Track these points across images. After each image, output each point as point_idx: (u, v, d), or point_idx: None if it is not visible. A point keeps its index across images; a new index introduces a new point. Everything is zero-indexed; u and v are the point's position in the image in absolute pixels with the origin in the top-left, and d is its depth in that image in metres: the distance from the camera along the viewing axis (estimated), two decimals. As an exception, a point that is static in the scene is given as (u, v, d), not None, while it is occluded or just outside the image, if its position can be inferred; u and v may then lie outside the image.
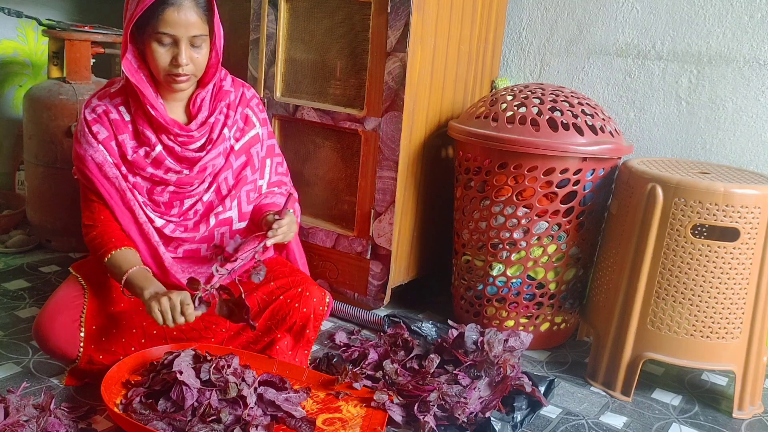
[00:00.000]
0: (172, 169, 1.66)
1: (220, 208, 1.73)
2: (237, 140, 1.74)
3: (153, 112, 1.61)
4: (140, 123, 1.64)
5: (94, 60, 2.47)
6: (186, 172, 1.67)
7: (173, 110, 1.67)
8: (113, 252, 1.58)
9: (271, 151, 1.85)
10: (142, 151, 1.64)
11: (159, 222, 1.67)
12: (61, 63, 2.48)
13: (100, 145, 1.62)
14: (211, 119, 1.69)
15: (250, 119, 1.77)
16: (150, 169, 1.64)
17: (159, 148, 1.64)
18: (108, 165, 1.62)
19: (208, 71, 1.65)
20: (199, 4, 1.56)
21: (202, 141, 1.69)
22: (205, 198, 1.71)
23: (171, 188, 1.68)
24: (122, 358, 1.59)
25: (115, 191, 1.63)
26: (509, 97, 1.99)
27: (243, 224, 1.77)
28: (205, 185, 1.71)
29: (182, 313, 1.48)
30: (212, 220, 1.72)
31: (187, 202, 1.71)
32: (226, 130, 1.71)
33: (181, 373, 1.44)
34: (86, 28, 2.44)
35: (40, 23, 2.47)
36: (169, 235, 1.68)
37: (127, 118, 1.65)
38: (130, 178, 1.65)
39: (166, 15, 1.52)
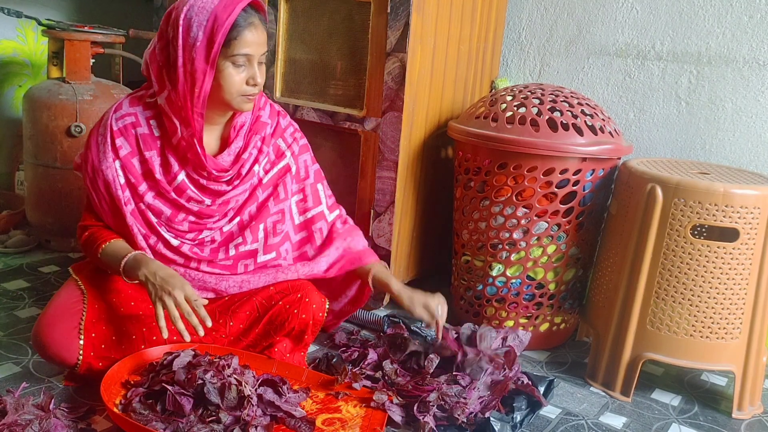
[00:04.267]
0: (194, 198, 1.62)
1: (239, 239, 1.70)
2: (266, 172, 1.70)
3: (199, 150, 1.55)
4: (167, 148, 1.59)
5: (93, 60, 2.47)
6: (208, 202, 1.64)
7: (209, 134, 1.63)
8: (105, 244, 1.57)
9: (319, 176, 1.81)
10: (169, 175, 1.61)
11: (174, 242, 1.64)
12: (61, 63, 2.48)
13: (116, 162, 1.57)
14: (245, 155, 1.65)
15: (282, 151, 1.73)
16: (173, 194, 1.61)
17: (181, 177, 1.60)
18: (116, 185, 1.57)
19: None
20: (263, 21, 1.54)
21: (231, 176, 1.65)
22: (225, 229, 1.69)
23: (191, 218, 1.65)
24: (122, 359, 1.59)
25: (118, 211, 1.59)
26: (509, 98, 1.99)
27: (269, 257, 1.73)
28: (227, 219, 1.68)
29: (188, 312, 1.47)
30: (231, 251, 1.70)
31: (206, 232, 1.68)
32: (256, 167, 1.68)
33: (172, 385, 1.44)
34: (86, 28, 2.44)
35: (40, 23, 2.46)
36: (186, 253, 1.66)
37: (157, 134, 1.60)
38: (148, 198, 1.60)
39: (245, 36, 1.49)
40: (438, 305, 1.70)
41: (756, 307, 1.72)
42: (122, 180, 1.58)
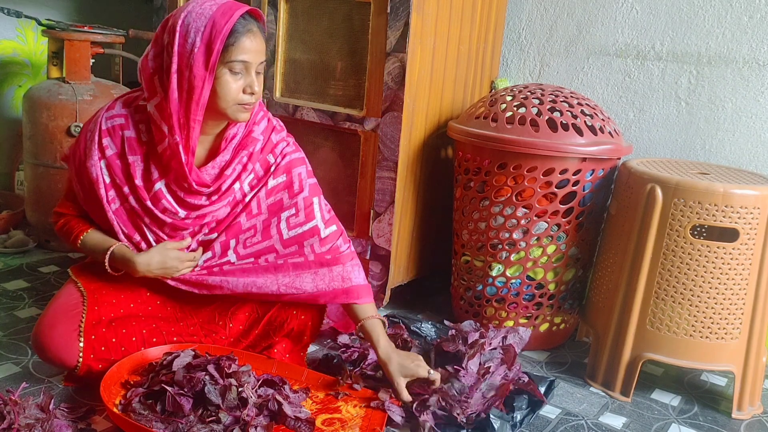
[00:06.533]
0: (168, 210, 1.58)
1: (209, 254, 1.65)
2: (252, 188, 1.65)
3: (184, 159, 1.51)
4: (151, 155, 1.57)
5: (93, 60, 2.47)
6: (182, 214, 1.59)
7: (198, 144, 1.58)
8: (83, 236, 1.61)
9: (315, 190, 1.72)
10: (148, 182, 1.58)
11: (151, 237, 1.61)
12: (61, 63, 2.48)
13: (101, 161, 1.56)
14: (228, 170, 1.59)
15: (270, 165, 1.66)
16: (149, 203, 1.58)
17: (159, 185, 1.57)
18: (99, 184, 1.56)
19: None
20: (262, 30, 1.53)
21: (211, 191, 1.61)
22: (200, 238, 1.65)
23: (166, 229, 1.61)
24: (122, 359, 1.59)
25: (100, 208, 1.58)
26: (509, 98, 1.99)
27: (245, 262, 1.66)
28: (203, 232, 1.64)
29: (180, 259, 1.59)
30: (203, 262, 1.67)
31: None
32: (237, 184, 1.62)
33: (172, 385, 1.44)
34: (86, 28, 2.44)
35: (40, 23, 2.47)
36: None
37: (144, 138, 1.56)
38: (131, 201, 1.57)
39: (242, 43, 1.46)
40: (429, 371, 1.62)
41: (756, 307, 1.72)
42: (107, 179, 1.57)
